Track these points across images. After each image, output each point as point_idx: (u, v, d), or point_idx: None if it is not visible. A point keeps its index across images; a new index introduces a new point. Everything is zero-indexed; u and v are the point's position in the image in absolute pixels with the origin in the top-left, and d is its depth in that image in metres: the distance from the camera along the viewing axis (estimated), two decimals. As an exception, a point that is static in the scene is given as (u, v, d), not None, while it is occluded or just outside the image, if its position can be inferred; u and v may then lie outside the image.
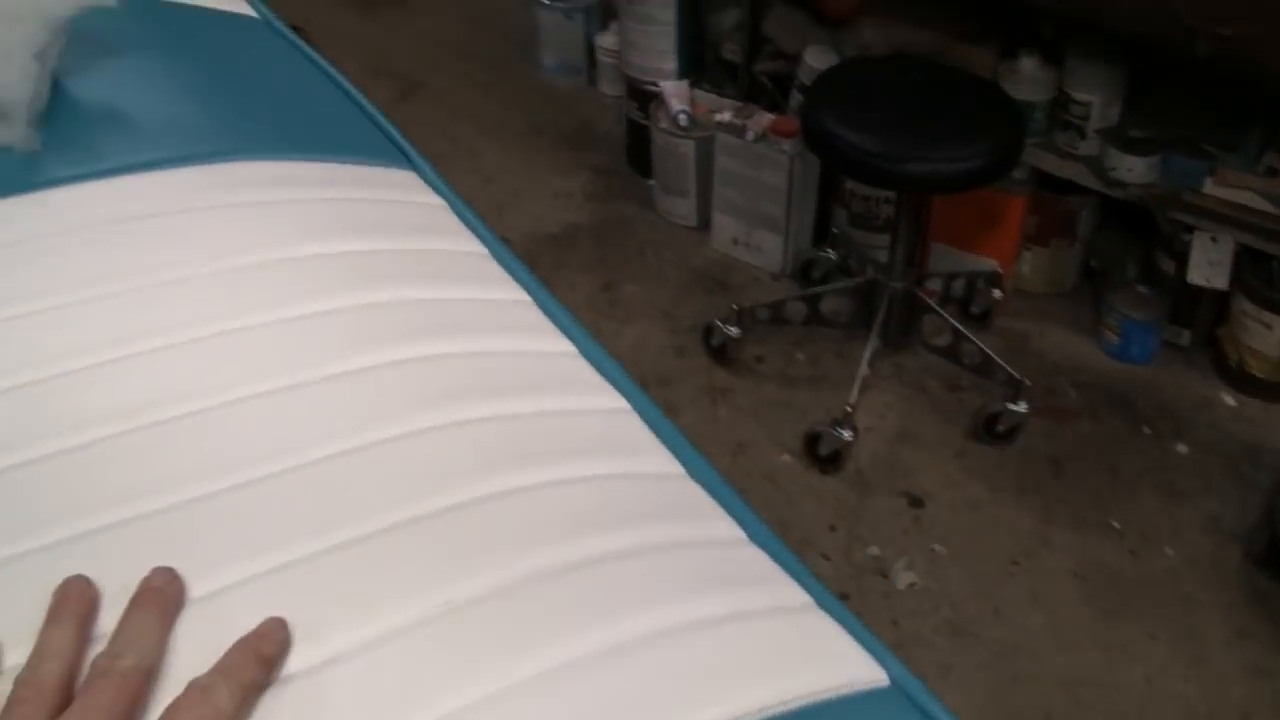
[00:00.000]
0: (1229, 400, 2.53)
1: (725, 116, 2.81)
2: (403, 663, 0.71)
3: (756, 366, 2.67)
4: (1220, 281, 2.45)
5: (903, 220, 2.47)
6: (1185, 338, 2.61)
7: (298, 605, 0.72)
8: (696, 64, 3.07)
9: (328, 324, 0.91)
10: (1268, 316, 2.42)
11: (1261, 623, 2.12)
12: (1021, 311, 2.74)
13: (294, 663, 0.69)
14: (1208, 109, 2.49)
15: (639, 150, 3.14)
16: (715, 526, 0.89)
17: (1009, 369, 2.40)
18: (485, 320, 0.99)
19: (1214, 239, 2.43)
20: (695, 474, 0.93)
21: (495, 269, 1.03)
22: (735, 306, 2.63)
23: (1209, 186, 2.44)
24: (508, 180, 3.25)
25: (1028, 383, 2.40)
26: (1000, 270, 2.69)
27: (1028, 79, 2.54)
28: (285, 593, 0.73)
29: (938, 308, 2.53)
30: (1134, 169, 2.48)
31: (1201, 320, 2.58)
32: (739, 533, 0.90)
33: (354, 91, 1.26)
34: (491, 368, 0.95)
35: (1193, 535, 2.27)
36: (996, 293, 2.68)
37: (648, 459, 0.93)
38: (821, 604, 0.86)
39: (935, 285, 2.69)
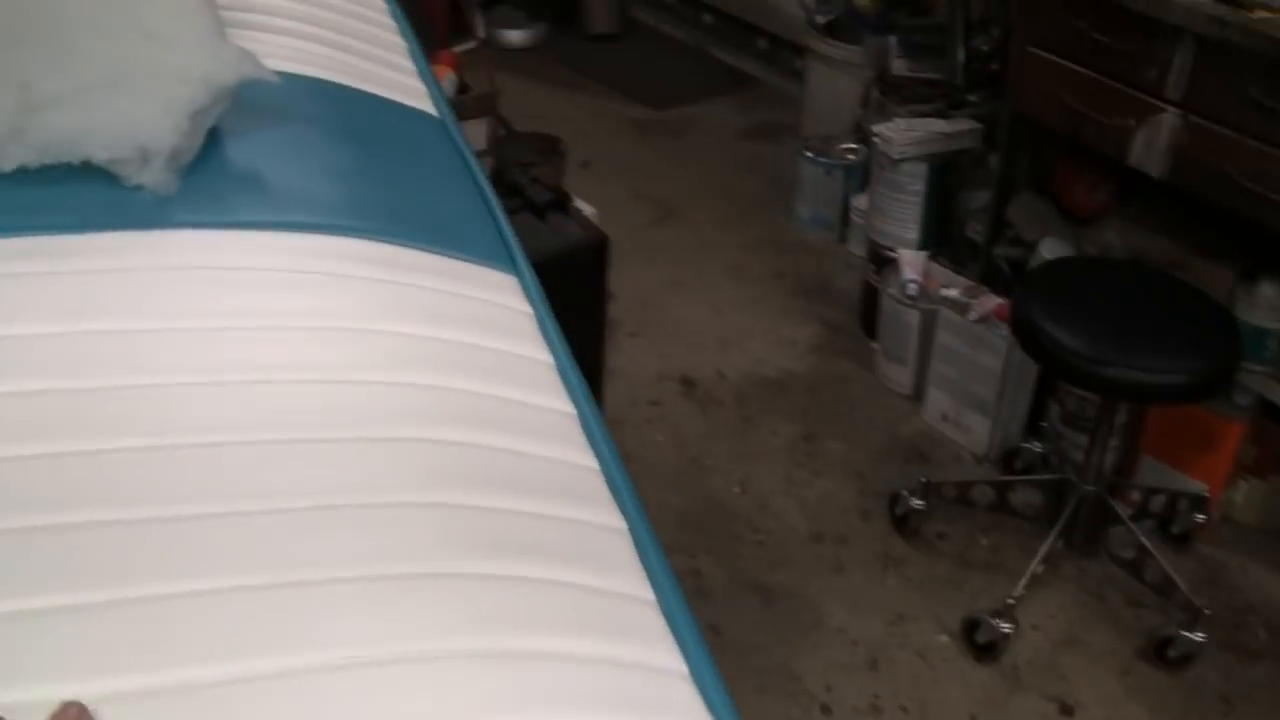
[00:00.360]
0: None
1: (953, 293, 2.81)
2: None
3: (937, 542, 2.63)
4: None
5: (1103, 425, 2.41)
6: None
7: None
8: (939, 238, 3.08)
9: (366, 394, 0.98)
10: None
11: None
12: (1227, 541, 2.62)
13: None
14: None
15: (870, 312, 3.16)
16: None
17: (1187, 593, 2.30)
18: (520, 423, 1.01)
19: None
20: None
21: (554, 378, 1.07)
22: (923, 480, 2.60)
23: None
24: (738, 318, 3.32)
25: (1207, 611, 2.28)
26: (1208, 494, 2.58)
27: (1264, 304, 2.46)
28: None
29: (1125, 518, 2.45)
30: (1367, 410, 2.36)
31: None
32: None
33: (494, 201, 1.32)
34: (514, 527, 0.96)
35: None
36: (1200, 516, 2.57)
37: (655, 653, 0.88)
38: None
39: (1135, 496, 2.59)
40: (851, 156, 3.51)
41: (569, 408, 1.03)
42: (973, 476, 2.76)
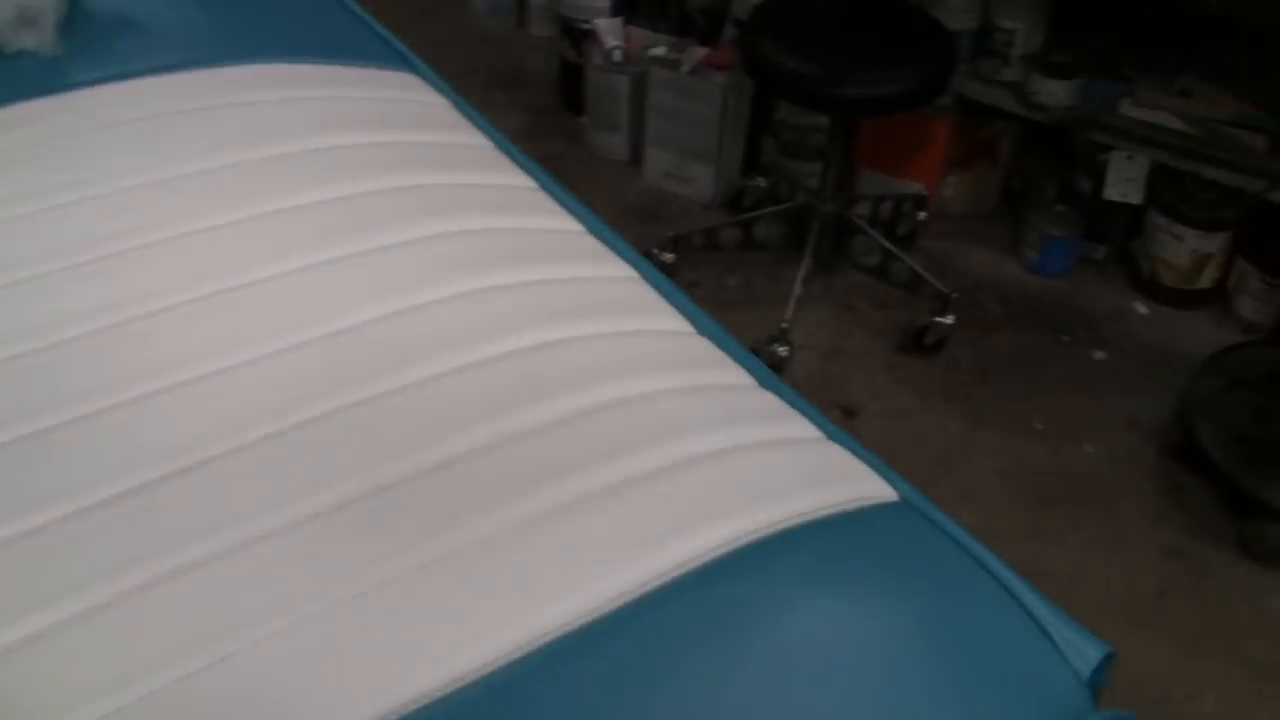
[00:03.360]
0: (1142, 309, 2.67)
1: (660, 51, 2.89)
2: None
3: (690, 290, 2.75)
4: (1135, 197, 2.58)
5: (835, 146, 2.57)
6: (1100, 252, 2.74)
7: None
8: (630, 2, 3.14)
9: (334, 210, 0.99)
10: (1179, 229, 2.56)
11: (1176, 510, 2.26)
12: (945, 233, 2.86)
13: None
14: (1126, 34, 2.62)
15: (571, 89, 3.21)
16: (726, 374, 0.98)
17: (936, 283, 2.52)
18: (494, 202, 1.06)
19: (1130, 157, 2.56)
20: (704, 330, 1.00)
21: (500, 158, 1.11)
22: (671, 234, 2.71)
23: (1127, 108, 2.57)
24: (443, 119, 3.30)
25: (955, 295, 2.51)
26: (925, 193, 2.80)
27: (956, 8, 2.65)
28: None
29: (867, 228, 2.64)
30: (1055, 93, 2.60)
31: (1116, 235, 2.71)
32: (749, 380, 0.98)
33: (357, 8, 1.32)
34: (504, 242, 1.03)
35: (1111, 433, 2.40)
36: (922, 215, 2.79)
37: (659, 319, 1.00)
38: (832, 436, 0.94)
39: (863, 209, 2.79)
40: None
41: (525, 181, 1.08)
42: (706, 223, 2.89)
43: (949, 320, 2.53)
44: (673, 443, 0.89)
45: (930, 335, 2.54)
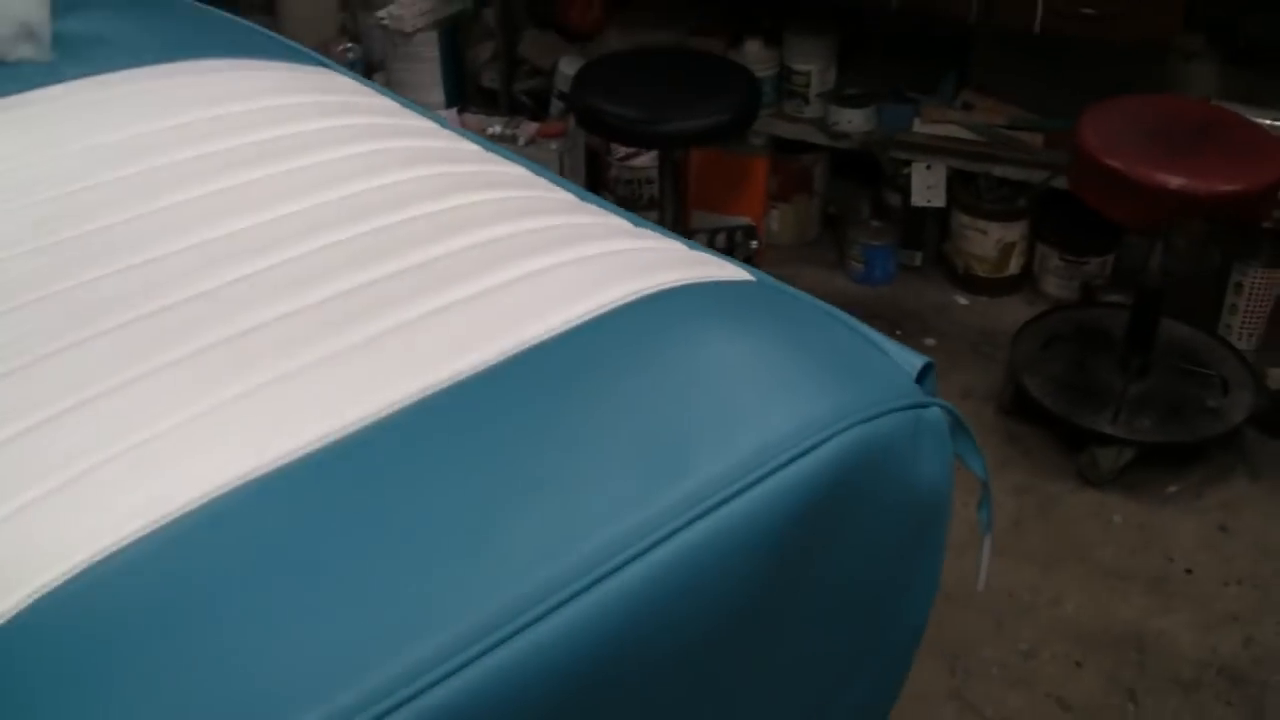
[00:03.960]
0: (962, 300, 2.97)
1: (496, 129, 3.14)
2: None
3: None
4: (939, 201, 2.90)
5: (666, 185, 2.83)
6: (918, 258, 3.04)
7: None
8: (461, 94, 3.39)
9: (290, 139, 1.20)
10: (981, 224, 2.87)
11: (1019, 455, 2.52)
12: (777, 259, 3.13)
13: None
14: (908, 60, 2.96)
15: (416, 183, 3.42)
16: (610, 219, 1.19)
17: (778, 292, 2.78)
18: (451, 154, 1.28)
19: (928, 167, 2.88)
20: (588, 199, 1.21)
21: (435, 124, 1.33)
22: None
23: (917, 125, 2.90)
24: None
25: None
26: (754, 224, 3.08)
27: (754, 59, 2.96)
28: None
29: (709, 255, 2.89)
30: (853, 121, 2.92)
31: (929, 239, 3.02)
32: (629, 223, 1.18)
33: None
34: (417, 146, 1.24)
35: (951, 402, 2.66)
36: (754, 243, 3.06)
37: (556, 190, 1.21)
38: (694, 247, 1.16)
39: (704, 239, 3.04)
40: (351, 55, 3.73)
41: (470, 145, 1.30)
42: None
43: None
44: (562, 250, 1.08)
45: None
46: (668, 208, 2.84)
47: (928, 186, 2.88)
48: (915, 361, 1.07)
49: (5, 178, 1.09)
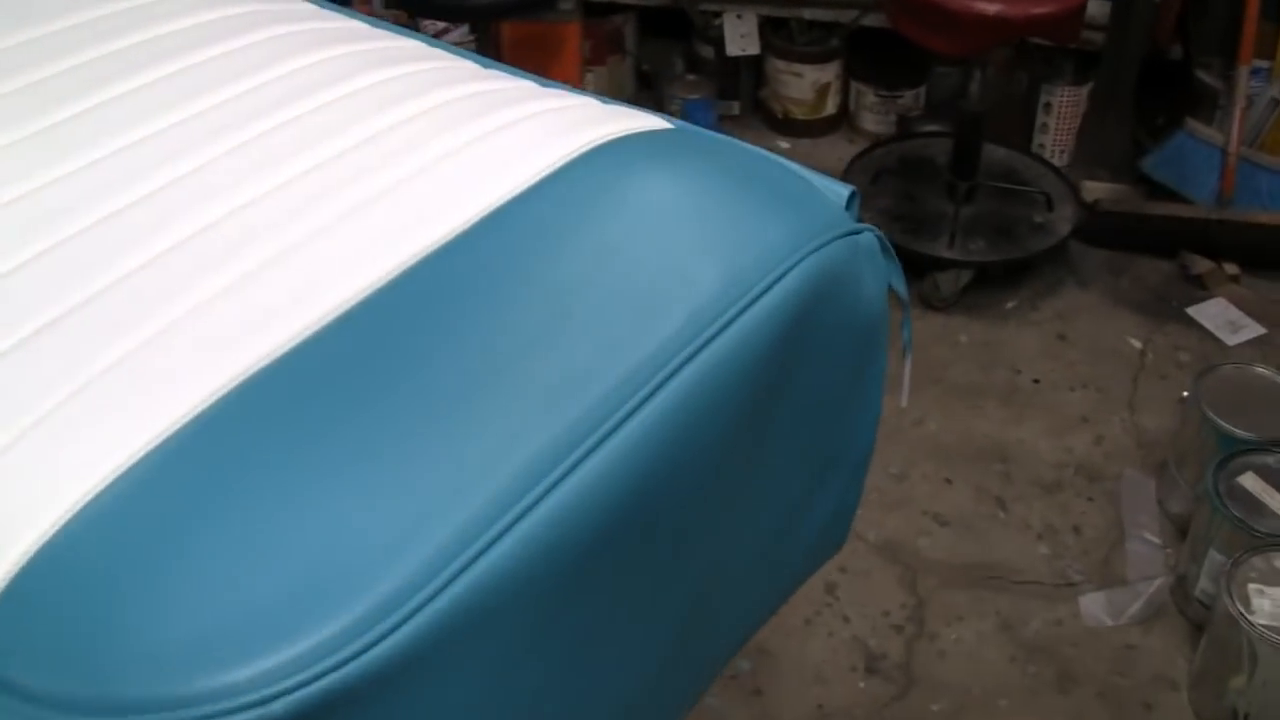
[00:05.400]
0: (784, 144, 3.02)
1: (293, 17, 3.04)
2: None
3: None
4: (753, 48, 2.93)
5: (485, 55, 2.79)
6: (735, 107, 3.08)
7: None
8: None
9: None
10: (796, 68, 2.92)
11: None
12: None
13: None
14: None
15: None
16: (545, 87, 1.18)
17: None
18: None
19: (739, 16, 2.90)
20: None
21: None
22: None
23: (724, -26, 2.91)
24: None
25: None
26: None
27: (554, -80, 2.92)
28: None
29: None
30: (660, -24, 2.92)
31: (745, 88, 3.05)
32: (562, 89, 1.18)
33: None
34: (316, 29, 1.21)
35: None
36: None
37: (496, 69, 1.19)
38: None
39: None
40: None
41: (359, 23, 1.27)
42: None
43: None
44: (499, 113, 1.08)
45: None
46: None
47: (741, 35, 2.91)
48: (842, 191, 1.10)
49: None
